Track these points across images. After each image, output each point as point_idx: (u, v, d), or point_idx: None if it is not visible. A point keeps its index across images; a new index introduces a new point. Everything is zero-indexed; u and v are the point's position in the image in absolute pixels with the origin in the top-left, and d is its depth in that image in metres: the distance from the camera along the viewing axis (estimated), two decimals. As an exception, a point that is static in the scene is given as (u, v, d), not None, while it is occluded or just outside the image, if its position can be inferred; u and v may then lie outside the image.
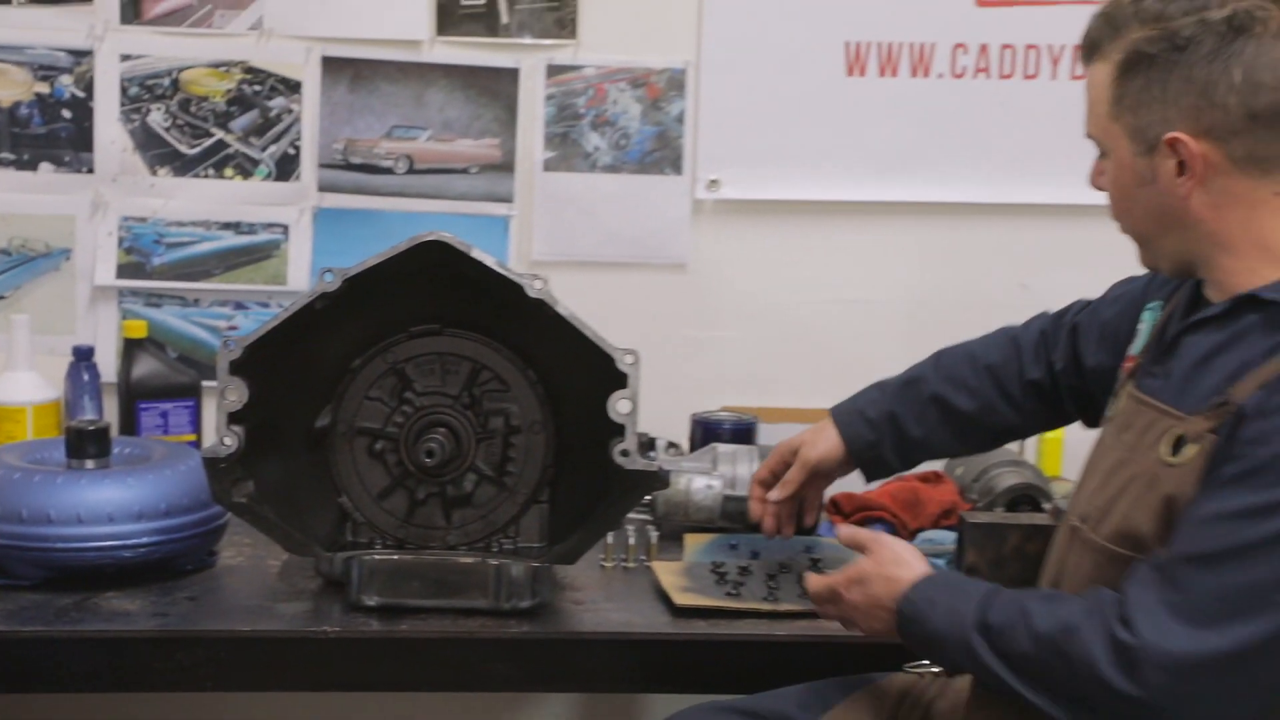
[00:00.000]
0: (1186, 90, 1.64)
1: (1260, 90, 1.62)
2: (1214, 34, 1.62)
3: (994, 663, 1.65)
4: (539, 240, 2.82)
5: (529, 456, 2.11)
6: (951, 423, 2.12)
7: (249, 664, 1.95)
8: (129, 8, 2.74)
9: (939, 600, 1.72)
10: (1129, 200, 1.74)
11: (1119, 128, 1.70)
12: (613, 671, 1.98)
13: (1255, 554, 1.54)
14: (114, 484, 2.07)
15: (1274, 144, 1.64)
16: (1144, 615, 1.56)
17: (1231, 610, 1.53)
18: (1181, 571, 1.56)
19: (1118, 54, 1.68)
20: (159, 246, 2.80)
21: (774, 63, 2.79)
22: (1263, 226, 1.67)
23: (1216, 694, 1.55)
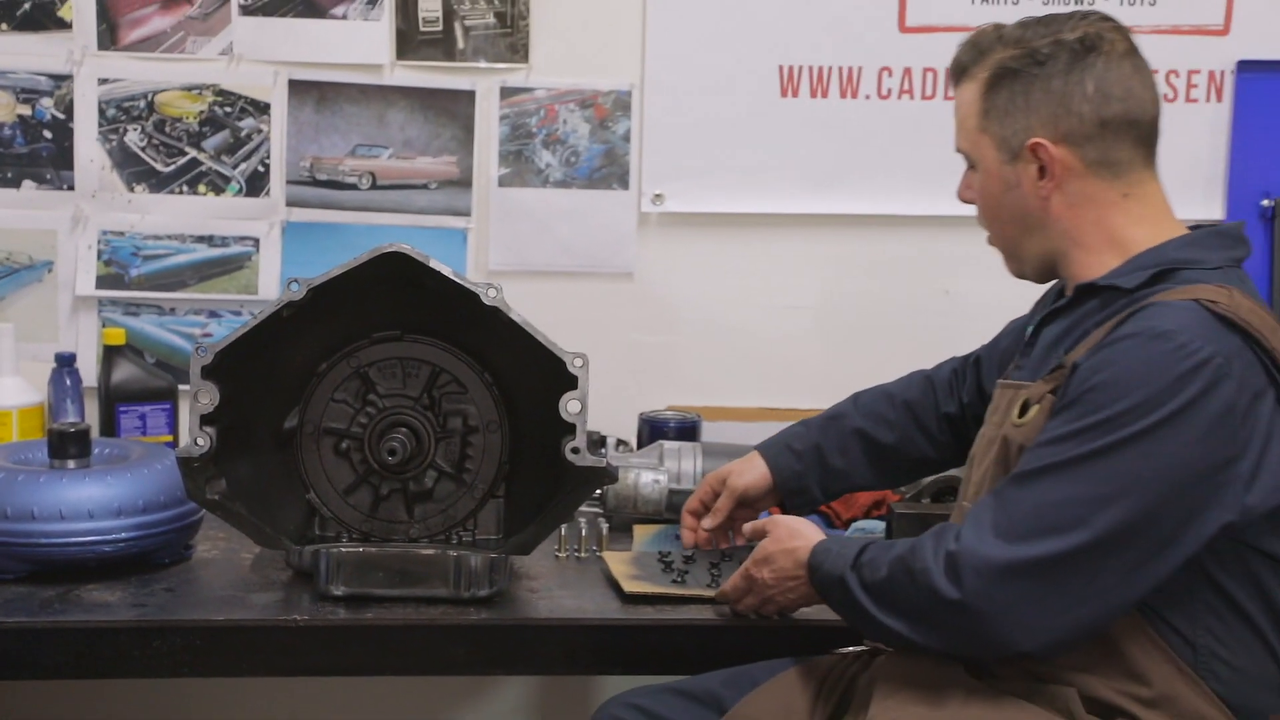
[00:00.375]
0: (1046, 100, 1.74)
1: (1110, 100, 1.73)
2: (1069, 51, 1.74)
3: (861, 595, 1.71)
4: (495, 251, 2.81)
5: (486, 454, 2.10)
6: (872, 455, 2.14)
7: (223, 651, 1.93)
8: (106, 34, 2.71)
9: (833, 549, 1.79)
10: (996, 206, 1.82)
11: (987, 138, 1.80)
12: (567, 655, 1.96)
13: (1063, 472, 1.61)
14: (94, 482, 2.05)
15: (1122, 149, 1.75)
16: (971, 528, 1.63)
17: (1042, 524, 1.60)
18: (1007, 491, 1.64)
19: (984, 72, 1.79)
20: (136, 259, 2.76)
21: (713, 85, 2.79)
22: (1112, 223, 1.76)
23: (1027, 598, 1.60)
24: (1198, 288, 1.66)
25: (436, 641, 1.94)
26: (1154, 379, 1.58)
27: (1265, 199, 2.84)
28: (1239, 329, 1.62)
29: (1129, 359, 1.60)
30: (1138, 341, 1.61)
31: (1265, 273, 2.84)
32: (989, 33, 1.81)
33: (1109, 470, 1.59)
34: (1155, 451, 1.58)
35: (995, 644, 1.63)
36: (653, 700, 1.91)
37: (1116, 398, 1.59)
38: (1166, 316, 1.62)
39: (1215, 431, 1.58)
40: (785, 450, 2.15)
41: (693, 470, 2.36)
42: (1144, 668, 1.65)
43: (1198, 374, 1.58)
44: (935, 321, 2.86)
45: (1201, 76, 2.82)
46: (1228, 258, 1.75)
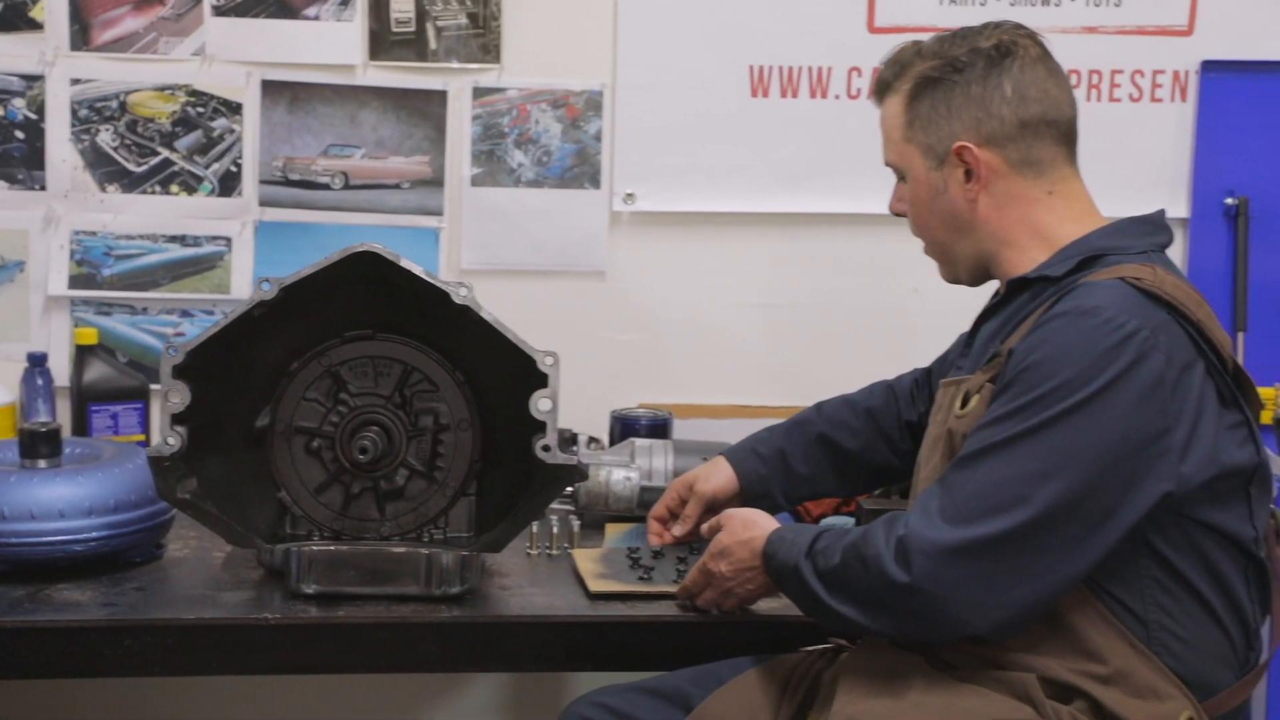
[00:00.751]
0: (967, 105, 1.80)
1: (1028, 102, 1.79)
2: (985, 58, 1.80)
3: (814, 582, 1.73)
4: (467, 250, 2.80)
5: (457, 452, 2.09)
6: (836, 462, 2.16)
7: (194, 650, 1.92)
8: (78, 35, 2.69)
9: (787, 537, 1.81)
10: (927, 213, 1.87)
11: (913, 147, 1.85)
12: (538, 652, 1.96)
13: (1001, 452, 1.64)
14: (65, 482, 2.03)
15: (1044, 148, 1.80)
16: (919, 514, 1.66)
17: (985, 505, 1.63)
18: (951, 475, 1.67)
19: (906, 84, 1.85)
20: (109, 258, 2.75)
21: (684, 85, 2.79)
22: (1039, 220, 1.81)
23: (975, 579, 1.62)
24: (1122, 267, 1.71)
25: (408, 639, 1.93)
26: (1083, 354, 1.62)
27: (1229, 197, 2.85)
28: (1164, 303, 1.66)
29: (1059, 337, 1.64)
30: (1067, 319, 1.65)
31: (1228, 269, 2.85)
32: (908, 49, 1.88)
33: (1046, 447, 1.62)
34: (1089, 425, 1.61)
35: (946, 625, 1.65)
36: (620, 699, 1.91)
37: (1049, 375, 1.63)
38: (1093, 294, 1.67)
39: (1146, 403, 1.61)
40: (751, 455, 2.16)
41: (664, 468, 2.36)
42: (1098, 645, 1.67)
43: (1125, 347, 1.62)
44: (905, 320, 2.87)
45: (1166, 76, 2.83)
46: (1151, 244, 1.79)
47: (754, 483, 2.14)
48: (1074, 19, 2.80)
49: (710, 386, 2.86)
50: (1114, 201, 1.90)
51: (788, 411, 2.72)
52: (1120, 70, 2.82)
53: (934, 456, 1.81)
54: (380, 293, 2.02)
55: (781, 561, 1.79)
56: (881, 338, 2.85)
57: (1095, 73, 2.81)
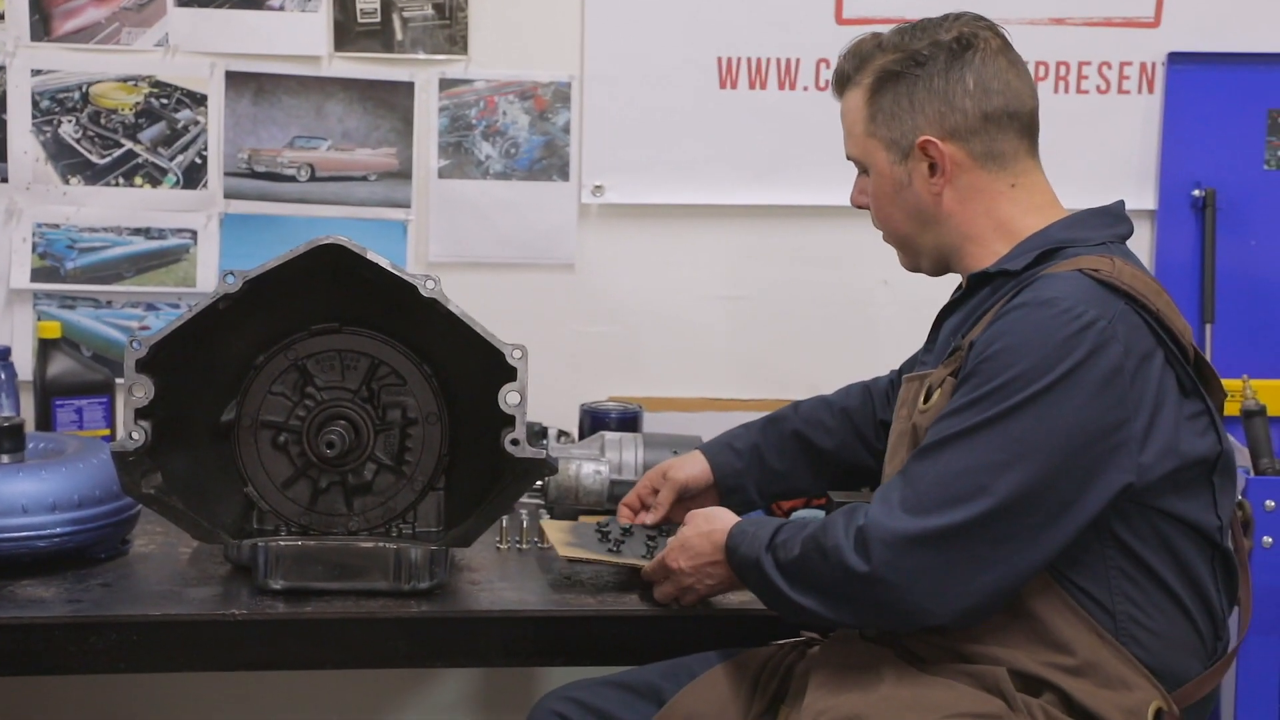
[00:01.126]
0: (930, 99, 1.79)
1: (990, 95, 1.79)
2: (946, 51, 1.80)
3: (775, 575, 1.73)
4: (435, 243, 2.79)
5: (425, 446, 2.08)
6: (811, 458, 2.16)
7: (160, 646, 1.90)
8: (39, 25, 2.66)
9: (749, 530, 1.80)
10: (890, 206, 1.87)
11: (876, 141, 1.84)
12: (508, 647, 1.95)
13: (960, 442, 1.64)
14: (28, 477, 2.02)
15: (1006, 140, 1.80)
16: (879, 505, 1.66)
17: (945, 495, 1.63)
18: (912, 466, 1.68)
19: (868, 78, 1.84)
20: (72, 251, 2.72)
21: (652, 77, 2.78)
22: (1001, 213, 1.81)
23: (935, 567, 1.63)
24: (1081, 259, 1.72)
25: (377, 634, 1.92)
26: (1042, 344, 1.62)
27: (1196, 189, 2.86)
28: (1122, 292, 1.66)
29: (1018, 327, 1.65)
30: (1025, 310, 1.65)
31: (1196, 260, 2.86)
32: (868, 41, 1.87)
33: (1005, 436, 1.62)
34: (1047, 415, 1.61)
35: (906, 614, 1.65)
36: (591, 694, 1.90)
37: (1007, 365, 1.63)
38: (1052, 286, 1.67)
39: (1104, 393, 1.62)
40: (726, 449, 2.16)
41: (634, 461, 2.35)
42: (1066, 637, 1.67)
43: (1083, 337, 1.62)
44: (875, 312, 2.87)
45: (1133, 68, 2.83)
46: (1110, 234, 1.80)
47: (728, 476, 2.15)
48: (1041, 10, 2.80)
49: (680, 379, 2.85)
50: (1081, 193, 1.90)
51: (758, 404, 2.73)
52: (1087, 62, 2.82)
53: (899, 451, 1.81)
54: (347, 285, 2.00)
55: (743, 555, 1.79)
56: (851, 329, 2.85)
57: (1063, 64, 2.81)
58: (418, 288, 1.92)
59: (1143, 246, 2.85)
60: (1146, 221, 2.86)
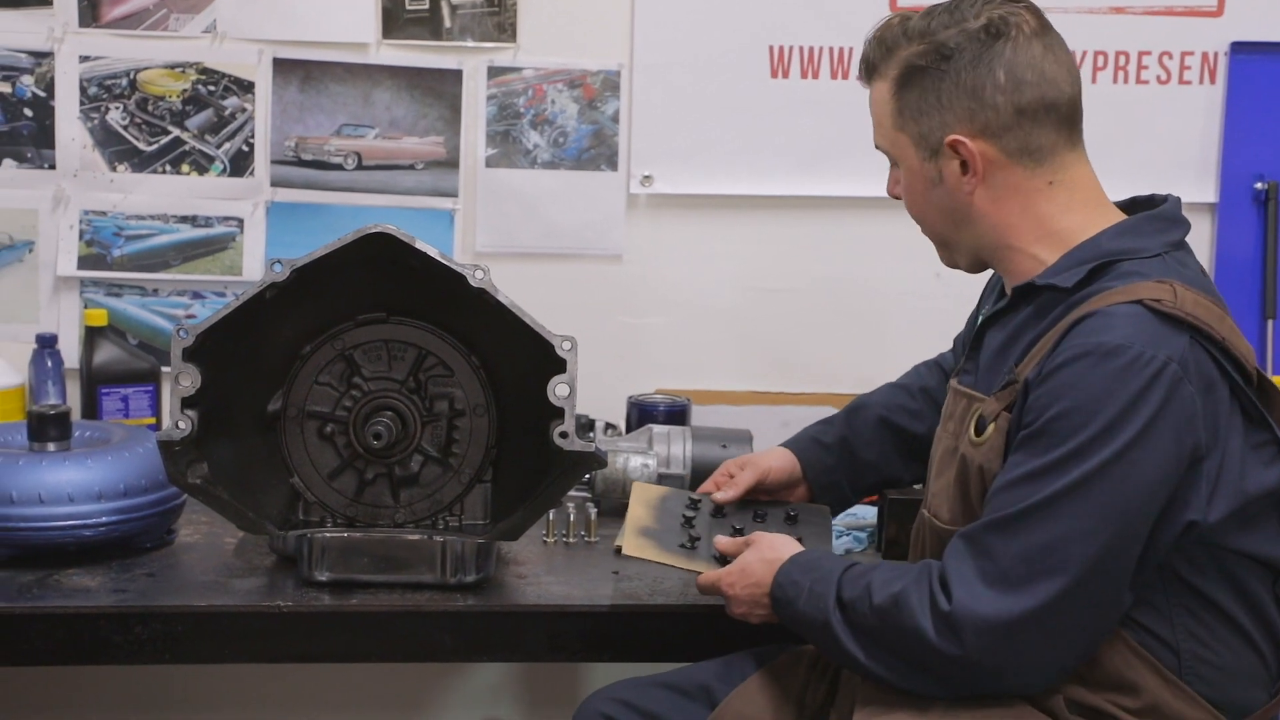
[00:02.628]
0: (958, 95, 1.70)
1: (1023, 87, 1.68)
2: (974, 41, 1.69)
3: (849, 642, 1.65)
4: (482, 233, 2.78)
5: (473, 438, 2.07)
6: (901, 445, 2.09)
7: (205, 638, 1.90)
8: (87, 11, 2.67)
9: (802, 582, 1.71)
10: (923, 203, 1.79)
11: (905, 137, 1.76)
12: (554, 641, 1.94)
13: (1043, 512, 1.57)
14: (74, 466, 2.02)
15: (1042, 134, 1.70)
16: (960, 583, 1.58)
17: (1034, 570, 1.56)
18: (987, 539, 1.59)
19: (893, 71, 1.74)
20: (119, 239, 2.73)
21: (703, 65, 2.76)
22: (1039, 213, 1.72)
23: (1033, 647, 1.58)
24: (1138, 286, 1.62)
25: (422, 628, 1.91)
26: (1115, 398, 1.54)
27: (1259, 182, 2.81)
28: (1186, 325, 1.59)
29: (1086, 382, 1.56)
30: (1091, 361, 1.56)
31: (1258, 255, 2.82)
32: (894, 27, 1.77)
33: (1088, 503, 1.55)
34: (1130, 474, 1.55)
35: (1003, 690, 1.61)
36: (640, 695, 1.88)
37: (1081, 425, 1.55)
38: (1114, 328, 1.58)
39: (1183, 436, 1.56)
40: (813, 444, 2.10)
41: (682, 455, 2.33)
42: (1130, 680, 1.63)
43: (1156, 384, 1.55)
44: (926, 304, 2.84)
45: (1195, 58, 2.79)
46: (1165, 243, 1.70)
47: (820, 474, 2.09)
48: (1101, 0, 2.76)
49: (728, 372, 2.83)
50: (1140, 186, 1.85)
51: (808, 398, 2.71)
52: (1148, 52, 2.78)
53: (946, 472, 1.76)
54: (394, 275, 1.99)
55: (802, 612, 1.70)
56: (903, 322, 2.82)
57: (1122, 54, 2.77)
58: (467, 277, 1.91)
59: (1203, 241, 2.81)
60: (1207, 215, 2.82)
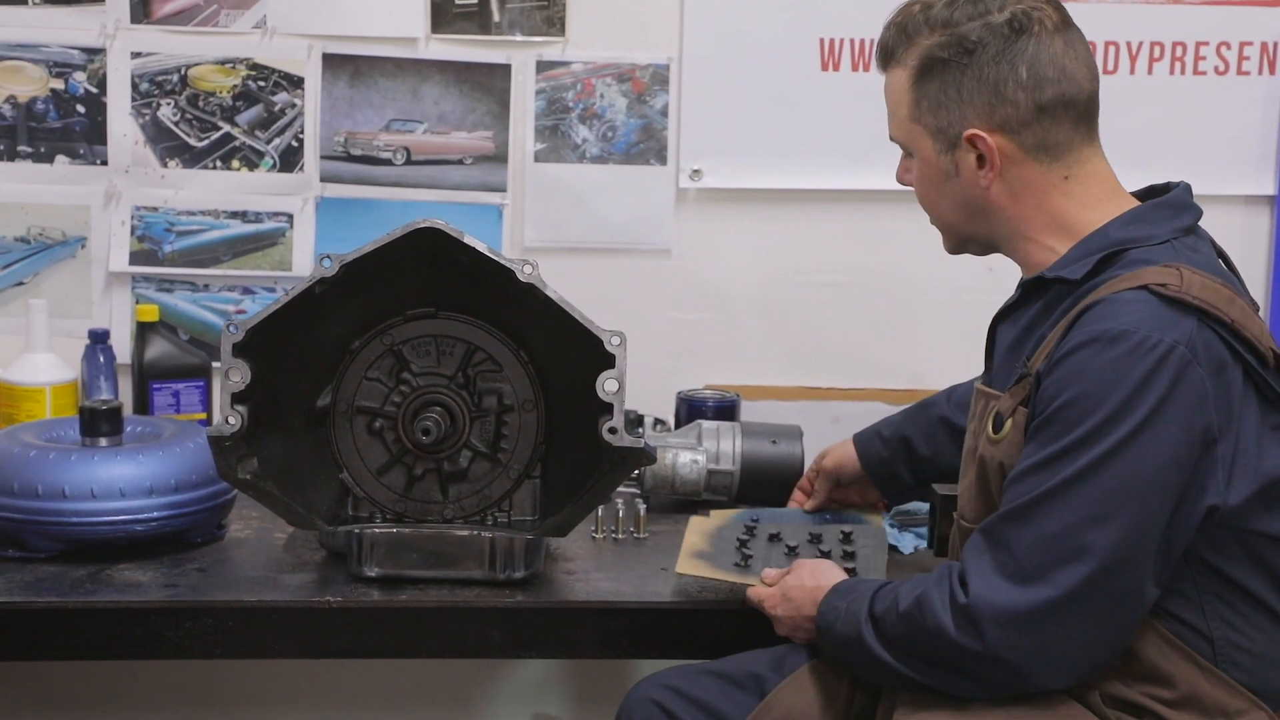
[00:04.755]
0: (979, 90, 1.70)
1: (1044, 84, 1.69)
2: (998, 36, 1.69)
3: (881, 651, 1.66)
4: (530, 228, 2.78)
5: (521, 434, 2.07)
6: (959, 443, 2.04)
7: (255, 632, 1.92)
8: (139, 7, 2.68)
9: (840, 607, 1.73)
10: (936, 194, 1.80)
11: (920, 128, 1.76)
12: (603, 638, 1.94)
13: (1054, 500, 1.56)
14: (126, 461, 2.04)
15: (1060, 131, 1.71)
16: (977, 577, 1.58)
17: (1049, 559, 1.56)
18: (1002, 530, 1.59)
19: (912, 60, 1.74)
20: (170, 234, 2.75)
21: (752, 58, 2.74)
22: (1055, 207, 1.73)
23: (1054, 638, 1.57)
24: (1144, 271, 1.62)
25: (471, 624, 1.92)
26: (1121, 383, 1.54)
27: (1318, 174, 2.78)
28: (1193, 308, 1.58)
29: (1093, 368, 1.56)
30: (1097, 347, 1.57)
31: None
32: (914, 14, 1.75)
33: (1099, 489, 1.55)
34: (1140, 458, 1.54)
35: (1030, 685, 1.60)
36: (689, 682, 1.87)
37: (1090, 411, 1.55)
38: (1119, 314, 1.58)
39: (1193, 421, 1.55)
40: (875, 438, 2.19)
41: (732, 450, 2.32)
42: (1165, 670, 1.62)
43: (1163, 369, 1.54)
44: (979, 299, 2.78)
45: (1254, 49, 2.75)
46: (1174, 229, 1.70)
47: (877, 465, 2.17)
48: (1159, -11, 2.73)
49: (779, 367, 2.82)
50: (1197, 179, 1.83)
51: (858, 394, 2.70)
52: (1205, 42, 2.74)
53: (969, 472, 1.77)
54: (443, 270, 2.00)
55: (841, 635, 1.72)
56: (955, 317, 2.80)
57: (1179, 44, 2.74)
58: (515, 272, 1.91)
59: (1261, 234, 2.77)
60: (1265, 208, 2.78)
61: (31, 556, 2.01)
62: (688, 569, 1.95)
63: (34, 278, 2.73)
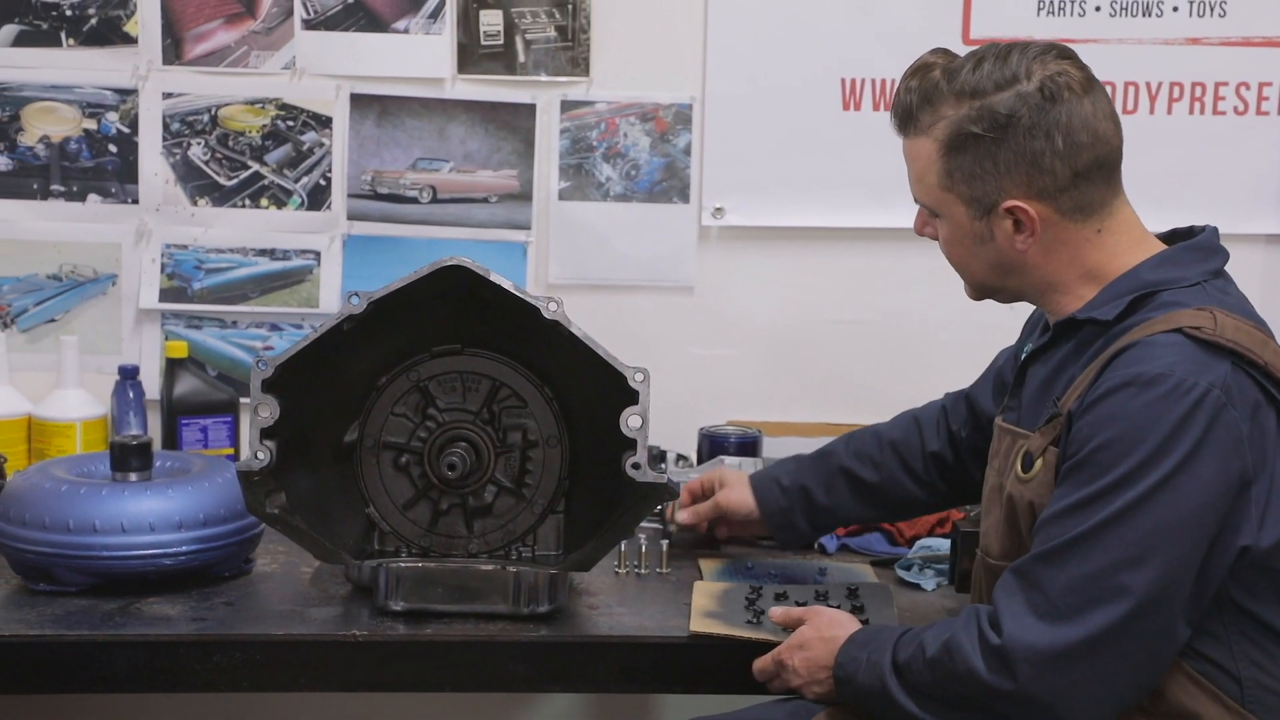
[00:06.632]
0: (1017, 163, 1.67)
1: (1080, 150, 1.67)
2: (1030, 107, 1.66)
3: (906, 701, 1.65)
4: (555, 265, 2.80)
5: (546, 469, 2.08)
6: (858, 493, 2.12)
7: (283, 665, 1.92)
8: (170, 49, 2.72)
9: (860, 658, 1.72)
10: (968, 255, 1.78)
11: (953, 196, 1.73)
12: (626, 673, 1.94)
13: (1090, 541, 1.56)
14: (155, 495, 2.05)
15: (1094, 191, 1.70)
16: (1009, 617, 1.58)
17: (1084, 599, 1.55)
18: (1036, 571, 1.59)
19: (941, 132, 1.71)
20: (199, 272, 2.77)
21: (774, 98, 2.76)
22: (1087, 259, 1.72)
23: (1086, 678, 1.56)
24: (1178, 314, 1.62)
25: (496, 657, 1.92)
26: (1157, 426, 1.54)
27: (1338, 213, 2.78)
28: (1227, 351, 1.58)
29: (1129, 410, 1.56)
30: (1133, 390, 1.57)
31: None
32: (935, 80, 1.71)
33: (1135, 531, 1.55)
34: (1175, 501, 1.54)
35: None
36: None
37: (1125, 454, 1.55)
38: (1154, 357, 1.58)
39: (1229, 461, 1.56)
40: (774, 485, 2.16)
41: (754, 486, 2.33)
42: (1193, 710, 1.62)
43: (1198, 413, 1.55)
44: (999, 337, 2.81)
45: (1273, 89, 2.76)
46: (1204, 271, 1.70)
47: (775, 514, 2.15)
48: (1177, 30, 2.74)
49: (799, 403, 2.83)
50: (1216, 219, 1.84)
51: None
52: (1224, 83, 2.76)
53: (993, 510, 1.76)
54: (469, 307, 2.01)
55: (862, 685, 1.70)
56: (974, 355, 2.79)
57: (1199, 85, 2.75)
58: (540, 310, 1.92)
59: None
60: (1283, 248, 2.79)
61: (62, 590, 2.02)
62: (701, 627, 1.95)
63: (65, 314, 2.76)
